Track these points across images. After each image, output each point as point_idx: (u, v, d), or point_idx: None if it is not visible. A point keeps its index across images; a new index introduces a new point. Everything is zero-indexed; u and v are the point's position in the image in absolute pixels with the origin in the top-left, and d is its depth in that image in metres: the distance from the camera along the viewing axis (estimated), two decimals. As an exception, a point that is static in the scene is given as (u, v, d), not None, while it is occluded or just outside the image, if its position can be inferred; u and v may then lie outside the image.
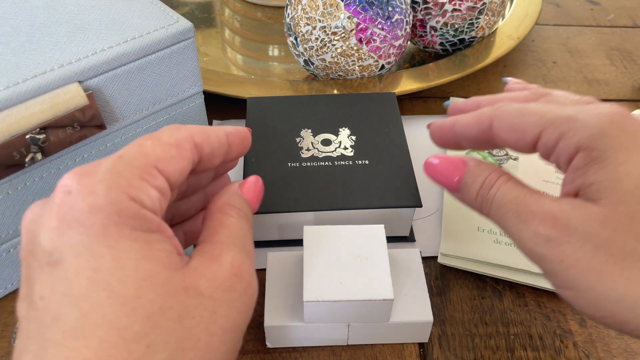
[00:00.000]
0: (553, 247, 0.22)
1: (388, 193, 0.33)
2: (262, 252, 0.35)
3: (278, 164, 0.35)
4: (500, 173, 0.26)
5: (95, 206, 0.19)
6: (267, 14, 0.58)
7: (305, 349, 0.31)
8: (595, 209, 0.22)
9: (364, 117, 0.39)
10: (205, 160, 0.25)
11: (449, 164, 0.28)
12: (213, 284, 0.21)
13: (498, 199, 0.25)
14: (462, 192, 0.27)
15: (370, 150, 0.36)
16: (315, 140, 0.37)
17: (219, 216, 0.25)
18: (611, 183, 0.22)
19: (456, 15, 0.46)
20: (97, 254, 0.19)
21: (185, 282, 0.20)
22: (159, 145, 0.23)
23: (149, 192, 0.21)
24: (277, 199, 0.33)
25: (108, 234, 0.19)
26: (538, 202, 0.24)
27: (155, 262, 0.20)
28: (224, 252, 0.23)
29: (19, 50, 0.29)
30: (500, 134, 0.26)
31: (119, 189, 0.20)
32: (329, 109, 0.39)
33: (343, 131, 0.38)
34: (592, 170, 0.22)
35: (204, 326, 0.20)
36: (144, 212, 0.20)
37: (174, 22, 0.32)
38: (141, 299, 0.19)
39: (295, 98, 0.40)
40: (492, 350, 0.31)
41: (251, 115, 0.39)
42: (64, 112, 0.28)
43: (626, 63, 0.54)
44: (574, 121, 0.23)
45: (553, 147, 0.24)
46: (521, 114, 0.25)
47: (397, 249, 0.32)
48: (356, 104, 0.40)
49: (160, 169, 0.22)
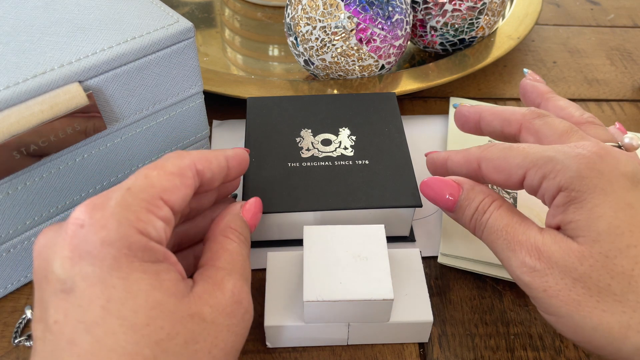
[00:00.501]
0: (537, 277, 0.24)
1: (388, 193, 0.33)
2: (262, 252, 0.35)
3: (278, 164, 0.35)
4: (493, 198, 0.28)
5: (106, 240, 0.21)
6: (267, 14, 0.58)
7: (305, 349, 0.31)
8: (574, 245, 0.24)
9: (364, 117, 0.39)
10: (206, 184, 0.27)
11: (444, 185, 0.30)
12: (215, 311, 0.23)
13: (490, 225, 0.27)
14: (457, 213, 0.30)
15: (370, 151, 0.36)
16: (316, 140, 0.37)
17: (221, 239, 0.27)
18: (587, 223, 0.24)
19: (456, 15, 0.46)
20: (110, 285, 0.21)
21: (191, 310, 0.22)
22: (164, 176, 0.24)
23: (155, 224, 0.23)
24: (277, 199, 0.33)
25: (119, 266, 0.21)
26: (525, 232, 0.26)
27: (164, 292, 0.22)
28: (225, 279, 0.24)
29: (19, 50, 0.29)
30: (488, 175, 0.29)
31: (128, 223, 0.22)
32: (329, 109, 0.39)
33: (343, 131, 0.37)
34: (571, 210, 0.25)
35: (207, 350, 0.22)
36: (152, 244, 0.22)
37: (174, 22, 0.32)
38: (151, 327, 0.21)
39: (296, 98, 0.40)
40: (492, 350, 0.31)
41: (251, 115, 0.39)
42: (64, 112, 0.28)
43: (626, 63, 0.54)
44: (555, 163, 0.25)
45: (537, 186, 0.26)
46: (505, 157, 0.27)
47: (397, 249, 0.32)
48: (356, 104, 0.40)
49: (166, 199, 0.24)
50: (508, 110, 0.31)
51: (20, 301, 0.33)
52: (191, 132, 0.37)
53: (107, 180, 0.34)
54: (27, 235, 0.31)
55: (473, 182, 0.29)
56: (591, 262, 0.23)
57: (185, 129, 0.36)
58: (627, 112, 0.48)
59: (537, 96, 0.34)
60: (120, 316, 0.20)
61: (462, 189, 0.29)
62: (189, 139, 0.37)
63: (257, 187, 0.34)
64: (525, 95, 0.35)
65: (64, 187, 0.31)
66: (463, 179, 0.30)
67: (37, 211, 0.31)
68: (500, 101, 0.49)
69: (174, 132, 0.36)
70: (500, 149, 0.28)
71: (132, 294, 0.21)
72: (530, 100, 0.34)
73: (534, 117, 0.29)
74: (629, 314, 0.23)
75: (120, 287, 0.21)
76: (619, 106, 0.49)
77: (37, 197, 0.30)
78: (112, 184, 0.34)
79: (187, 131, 0.37)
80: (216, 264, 0.25)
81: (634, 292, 0.23)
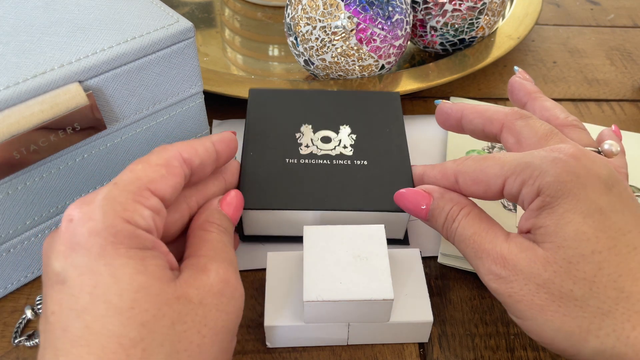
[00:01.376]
0: (503, 283, 0.25)
1: (385, 196, 0.33)
2: (262, 252, 0.35)
3: (276, 159, 0.35)
4: (461, 206, 0.29)
5: (94, 230, 0.22)
6: (267, 14, 0.58)
7: (305, 349, 0.31)
8: (540, 252, 0.25)
9: (366, 115, 0.38)
10: (198, 171, 0.28)
11: (416, 195, 0.30)
12: (202, 292, 0.23)
13: (459, 234, 0.28)
14: (431, 222, 0.30)
15: (369, 151, 0.36)
16: (315, 137, 0.37)
17: (200, 233, 0.27)
18: (555, 229, 0.24)
19: (456, 15, 0.46)
20: (97, 272, 0.22)
21: (177, 292, 0.23)
22: (149, 167, 0.25)
23: (142, 212, 0.23)
24: (273, 195, 0.33)
25: (105, 253, 0.22)
26: (492, 241, 0.26)
27: (148, 276, 0.22)
28: (208, 263, 0.25)
29: (19, 50, 0.29)
30: (466, 188, 0.29)
31: (114, 213, 0.22)
32: (331, 105, 0.39)
33: (344, 129, 0.37)
34: (543, 215, 0.25)
35: (196, 329, 0.23)
36: (139, 232, 0.23)
37: (174, 22, 0.32)
38: (135, 309, 0.21)
39: (298, 92, 0.40)
40: (492, 350, 0.31)
41: (252, 106, 0.38)
42: (64, 112, 0.28)
43: (626, 63, 0.54)
44: (533, 168, 0.26)
45: (517, 193, 0.26)
46: (482, 168, 0.28)
47: (397, 249, 0.32)
48: (359, 101, 0.39)
49: (153, 190, 0.24)
50: (491, 109, 0.31)
51: (20, 301, 0.33)
52: (191, 132, 0.37)
53: (107, 180, 0.34)
54: (27, 235, 0.31)
55: (443, 190, 0.30)
56: (555, 268, 0.24)
57: (185, 129, 0.37)
58: (627, 112, 0.48)
59: (524, 94, 0.34)
60: (105, 300, 0.21)
61: (432, 197, 0.30)
62: (189, 139, 0.37)
63: (254, 181, 0.34)
64: (513, 92, 0.35)
65: (64, 187, 0.31)
66: (433, 187, 0.30)
67: (37, 211, 0.31)
68: (500, 101, 0.49)
69: (174, 132, 0.36)
70: (475, 161, 0.28)
71: (116, 279, 0.21)
72: (517, 98, 0.35)
73: (516, 118, 0.30)
74: (589, 319, 0.23)
75: (106, 273, 0.21)
76: (619, 106, 0.49)
77: (37, 197, 0.30)
78: (112, 184, 0.34)
79: (187, 131, 0.37)
80: (198, 253, 0.26)
81: (595, 298, 0.23)
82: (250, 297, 0.33)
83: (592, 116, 0.48)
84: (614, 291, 0.23)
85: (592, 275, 0.23)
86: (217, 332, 0.23)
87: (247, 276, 0.35)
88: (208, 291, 0.24)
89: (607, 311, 0.23)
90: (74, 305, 0.21)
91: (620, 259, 0.23)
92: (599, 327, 0.23)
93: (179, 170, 0.26)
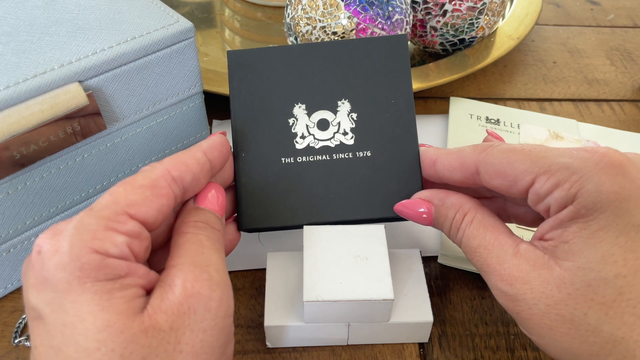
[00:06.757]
0: (510, 301, 0.24)
1: (388, 199, 0.31)
2: (262, 252, 0.35)
3: (271, 160, 0.32)
4: (464, 211, 0.27)
5: (59, 264, 0.21)
6: (267, 14, 0.58)
7: (305, 349, 0.31)
8: (556, 272, 0.23)
9: (367, 79, 0.34)
10: (191, 187, 0.26)
11: (414, 204, 0.29)
12: (170, 315, 0.22)
13: (464, 244, 0.27)
14: (437, 227, 0.29)
15: (373, 135, 0.33)
16: (311, 121, 0.33)
17: (175, 237, 0.25)
18: (582, 248, 0.23)
19: (456, 15, 0.46)
20: (64, 310, 0.21)
21: (144, 324, 0.21)
22: (131, 190, 0.23)
23: (114, 240, 0.22)
24: (273, 211, 0.31)
25: (72, 289, 0.21)
26: (499, 256, 0.25)
27: (112, 312, 0.21)
28: (175, 276, 0.23)
29: (19, 50, 0.29)
30: (488, 180, 0.26)
31: (82, 244, 0.21)
32: (326, 66, 0.34)
33: (342, 106, 0.33)
34: (573, 228, 0.23)
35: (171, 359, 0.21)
36: (108, 260, 0.21)
37: (174, 22, 0.32)
38: (102, 350, 0.20)
39: (285, 49, 0.34)
40: (492, 350, 0.31)
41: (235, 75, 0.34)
42: (64, 112, 0.28)
43: (626, 63, 0.54)
44: (572, 171, 0.23)
45: (545, 195, 0.24)
46: (510, 161, 0.25)
47: (397, 249, 0.32)
48: (357, 56, 0.34)
49: (132, 214, 0.23)
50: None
51: (20, 301, 0.33)
52: (191, 132, 0.37)
53: (107, 180, 0.34)
54: (27, 235, 0.31)
55: (443, 195, 0.28)
56: (570, 290, 0.23)
57: (185, 129, 0.37)
58: (627, 112, 0.48)
59: None
60: (74, 342, 0.20)
61: (432, 205, 0.28)
62: (189, 139, 0.37)
63: (252, 193, 0.32)
64: None
65: (64, 187, 0.31)
66: (432, 194, 0.29)
67: (37, 211, 0.31)
68: (500, 101, 0.49)
69: (174, 132, 0.36)
70: (502, 151, 0.25)
71: (81, 318, 0.20)
72: None
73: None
74: (599, 345, 0.22)
75: (72, 312, 0.20)
76: (619, 106, 0.49)
77: (37, 197, 0.30)
78: (112, 184, 0.34)
79: (187, 131, 0.37)
80: (170, 263, 0.24)
81: (610, 324, 0.22)
82: (250, 297, 0.33)
83: (592, 116, 0.48)
84: (631, 317, 0.22)
85: (611, 300, 0.22)
86: (197, 353, 0.22)
87: (247, 276, 0.35)
88: (176, 312, 0.22)
89: (620, 338, 0.22)
90: (51, 343, 0.21)
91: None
92: (609, 352, 0.22)
93: (167, 190, 0.24)
